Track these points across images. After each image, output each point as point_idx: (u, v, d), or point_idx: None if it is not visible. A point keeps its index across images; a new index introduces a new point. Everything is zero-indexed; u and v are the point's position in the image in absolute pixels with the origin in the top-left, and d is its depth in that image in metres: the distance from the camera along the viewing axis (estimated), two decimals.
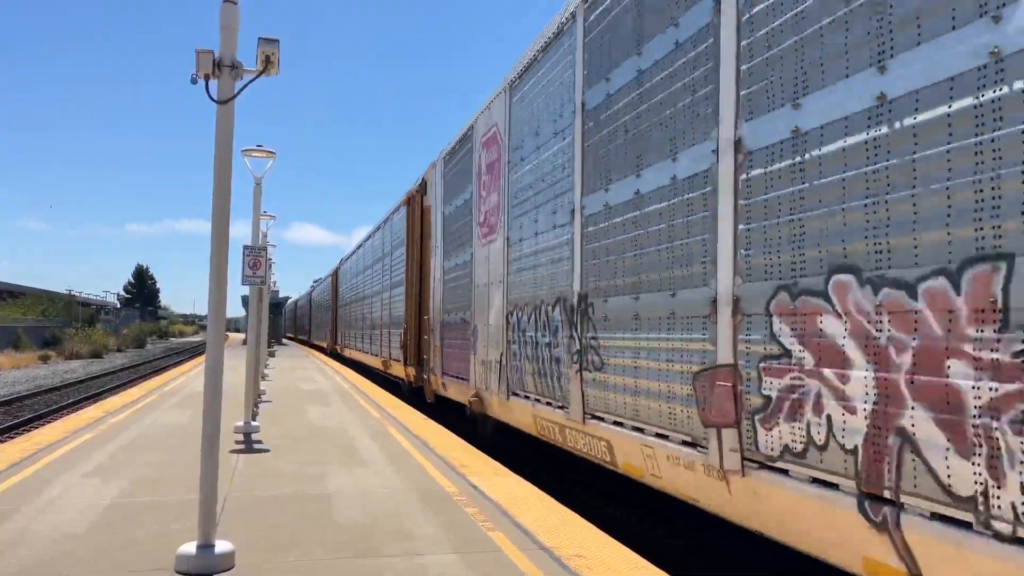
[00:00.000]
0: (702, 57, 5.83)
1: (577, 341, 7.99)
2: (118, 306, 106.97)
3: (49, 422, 16.82)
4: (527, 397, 9.65)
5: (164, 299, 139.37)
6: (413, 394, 19.16)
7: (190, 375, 25.24)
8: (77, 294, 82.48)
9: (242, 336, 58.80)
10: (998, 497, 3.44)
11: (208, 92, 5.43)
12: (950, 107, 3.73)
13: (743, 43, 5.31)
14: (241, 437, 10.93)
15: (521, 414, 10.00)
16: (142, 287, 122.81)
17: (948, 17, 3.77)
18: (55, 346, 51.51)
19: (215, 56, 5.40)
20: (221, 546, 5.37)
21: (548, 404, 8.88)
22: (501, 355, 10.83)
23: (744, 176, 5.25)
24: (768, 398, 4.93)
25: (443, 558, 5.64)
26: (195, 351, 59.18)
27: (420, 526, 6.51)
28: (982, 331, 3.51)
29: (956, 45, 3.72)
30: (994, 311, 3.46)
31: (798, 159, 4.75)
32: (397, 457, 9.96)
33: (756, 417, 5.05)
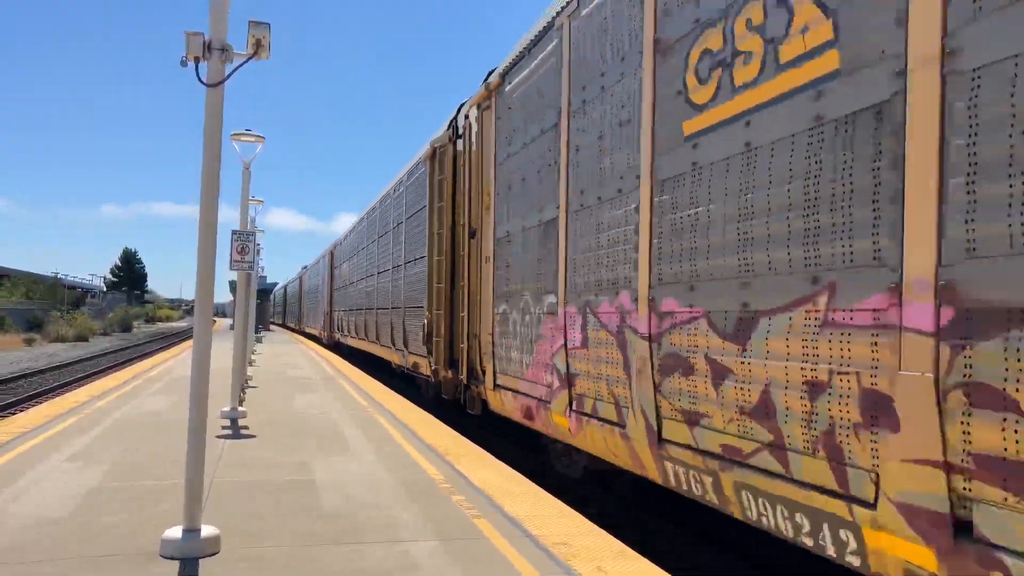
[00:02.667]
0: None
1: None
2: (104, 290, 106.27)
3: (33, 406, 16.73)
4: None
5: (150, 283, 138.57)
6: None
7: (176, 360, 25.14)
8: (63, 277, 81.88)
9: (229, 321, 58.44)
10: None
11: (198, 75, 5.40)
12: None
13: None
14: (227, 423, 10.92)
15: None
16: (129, 271, 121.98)
17: None
18: (39, 329, 51.15)
19: (205, 39, 5.36)
20: (207, 530, 5.38)
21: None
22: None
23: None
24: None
25: (426, 545, 5.66)
26: (181, 336, 58.93)
27: (404, 513, 6.53)
28: None
29: None
30: None
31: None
32: (383, 444, 9.97)
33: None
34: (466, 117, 12.34)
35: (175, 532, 5.32)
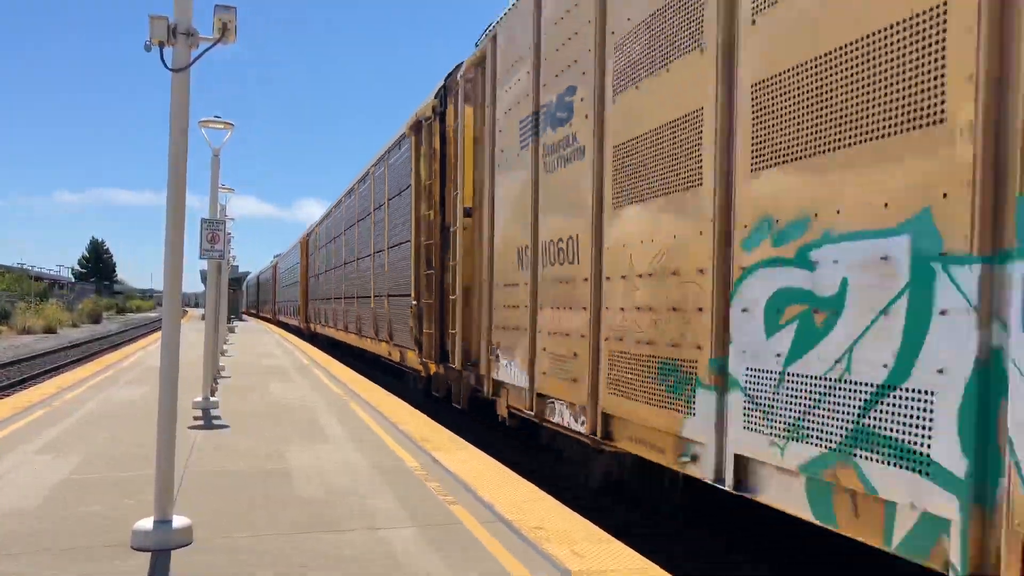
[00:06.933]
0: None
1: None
2: (72, 280, 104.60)
3: (0, 398, 16.44)
4: None
5: (120, 273, 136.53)
6: None
7: (147, 350, 24.83)
8: (30, 268, 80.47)
9: (201, 311, 57.72)
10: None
11: (163, 60, 5.30)
12: None
13: None
14: (200, 413, 10.81)
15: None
16: (98, 261, 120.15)
17: None
18: (6, 320, 50.19)
19: (170, 23, 5.25)
20: (178, 521, 5.33)
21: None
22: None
23: None
24: None
25: (403, 532, 5.66)
26: (152, 326, 58.18)
27: (380, 501, 6.52)
28: None
29: None
30: None
31: None
32: (358, 432, 9.94)
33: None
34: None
35: (146, 523, 5.26)
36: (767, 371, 4.67)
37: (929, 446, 3.58)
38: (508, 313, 9.29)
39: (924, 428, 3.61)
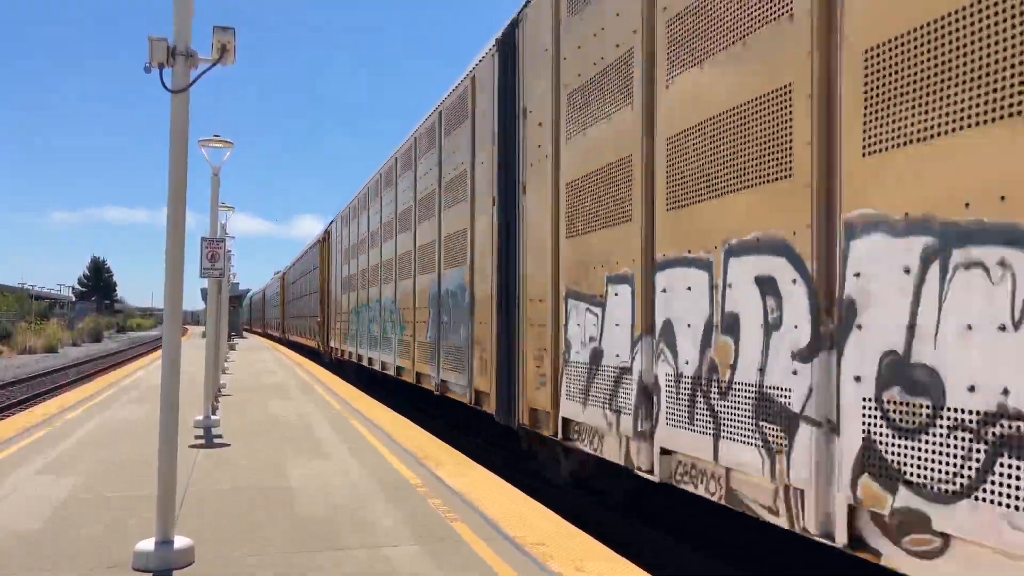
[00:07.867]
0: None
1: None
2: (73, 300, 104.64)
3: (1, 419, 16.41)
4: None
5: (120, 292, 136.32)
6: None
7: (148, 369, 24.82)
8: (30, 287, 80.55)
9: (202, 329, 57.58)
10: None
11: (162, 81, 5.33)
12: None
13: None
14: (201, 432, 10.80)
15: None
16: (98, 280, 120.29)
17: None
18: (6, 340, 50.19)
19: (169, 44, 5.29)
20: (180, 542, 5.31)
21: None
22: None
23: None
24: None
25: (405, 550, 5.64)
26: (153, 345, 58.12)
27: (382, 518, 6.50)
28: None
29: None
30: None
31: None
32: (359, 448, 9.92)
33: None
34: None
35: (147, 544, 5.25)
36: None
37: None
38: (335, 324, 26.23)
39: None
